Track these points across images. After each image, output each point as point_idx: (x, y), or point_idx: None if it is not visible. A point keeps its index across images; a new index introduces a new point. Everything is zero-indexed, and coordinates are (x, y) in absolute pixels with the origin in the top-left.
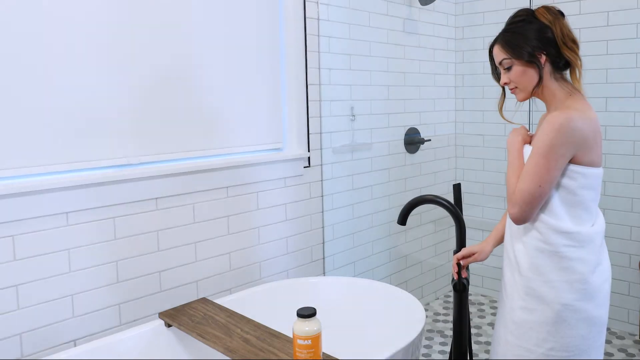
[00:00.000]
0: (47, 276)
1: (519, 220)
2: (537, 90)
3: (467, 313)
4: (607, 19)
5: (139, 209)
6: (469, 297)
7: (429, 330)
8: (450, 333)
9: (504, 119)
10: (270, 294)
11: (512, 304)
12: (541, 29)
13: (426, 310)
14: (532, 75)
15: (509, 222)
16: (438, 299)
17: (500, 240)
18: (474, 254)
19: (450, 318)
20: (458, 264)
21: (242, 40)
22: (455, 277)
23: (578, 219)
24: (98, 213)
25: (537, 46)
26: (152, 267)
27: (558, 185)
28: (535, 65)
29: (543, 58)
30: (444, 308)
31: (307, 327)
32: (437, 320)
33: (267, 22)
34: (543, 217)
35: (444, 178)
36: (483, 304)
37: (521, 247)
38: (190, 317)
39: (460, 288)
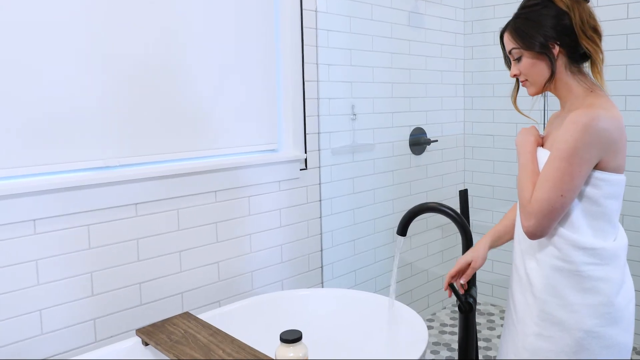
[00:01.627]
0: (12, 289)
1: (535, 234)
2: (549, 84)
3: (475, 333)
4: (627, 11)
5: (117, 215)
6: (477, 307)
7: (435, 343)
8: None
9: (518, 111)
10: (259, 308)
11: (525, 329)
12: (558, 15)
13: (432, 321)
14: (542, 68)
15: (519, 236)
16: (445, 308)
17: (501, 241)
18: (469, 264)
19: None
20: (452, 285)
21: (233, 32)
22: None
23: (600, 232)
24: (70, 220)
25: (551, 36)
26: (131, 278)
27: (580, 195)
28: (547, 57)
29: (556, 49)
30: (452, 319)
31: (291, 352)
32: (443, 332)
33: (261, 14)
34: (562, 231)
35: (451, 181)
36: (493, 314)
37: (534, 264)
38: (169, 334)
39: (467, 308)
